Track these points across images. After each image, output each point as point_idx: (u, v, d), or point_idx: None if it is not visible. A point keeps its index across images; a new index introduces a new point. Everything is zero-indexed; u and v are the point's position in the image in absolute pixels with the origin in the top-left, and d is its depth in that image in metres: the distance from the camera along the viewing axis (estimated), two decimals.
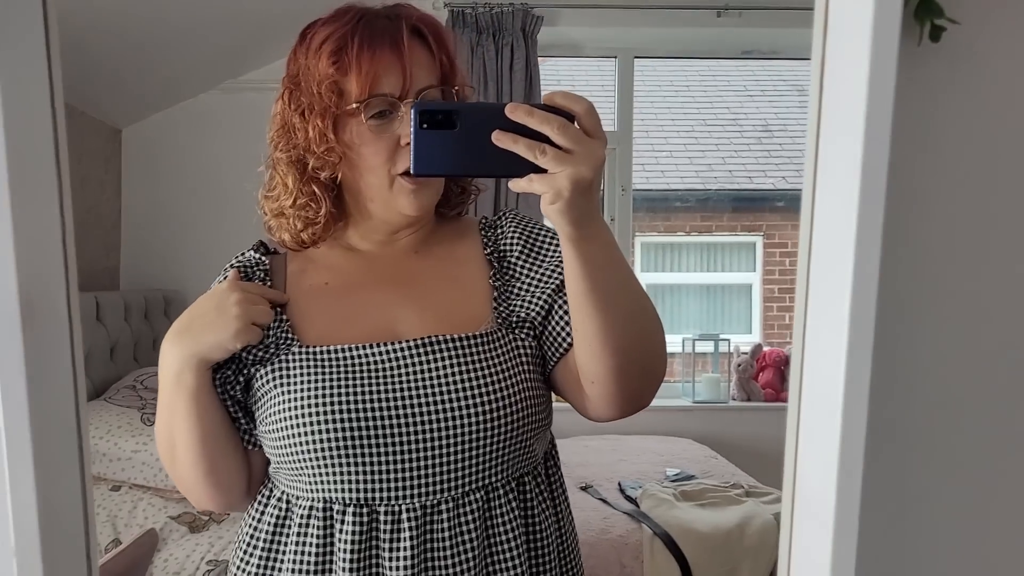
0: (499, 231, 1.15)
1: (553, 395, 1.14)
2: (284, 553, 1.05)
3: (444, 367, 1.01)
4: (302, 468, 1.01)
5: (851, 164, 0.52)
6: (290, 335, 1.05)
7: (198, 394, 1.02)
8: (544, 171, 0.81)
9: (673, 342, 4.73)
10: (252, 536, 1.09)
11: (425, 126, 0.82)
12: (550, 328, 1.08)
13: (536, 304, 1.07)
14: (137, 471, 2.65)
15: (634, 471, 3.09)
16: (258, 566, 1.06)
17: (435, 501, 1.00)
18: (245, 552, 1.09)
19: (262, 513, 1.09)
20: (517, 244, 1.12)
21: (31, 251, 0.50)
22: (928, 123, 0.58)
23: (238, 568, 1.09)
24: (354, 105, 1.00)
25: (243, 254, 1.15)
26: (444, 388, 1.00)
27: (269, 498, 1.09)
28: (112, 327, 3.21)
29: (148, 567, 2.26)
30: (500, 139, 0.81)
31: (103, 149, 3.58)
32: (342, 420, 0.98)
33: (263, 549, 1.06)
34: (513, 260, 1.11)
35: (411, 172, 0.84)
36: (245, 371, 1.06)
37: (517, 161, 0.81)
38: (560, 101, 0.82)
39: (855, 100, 0.52)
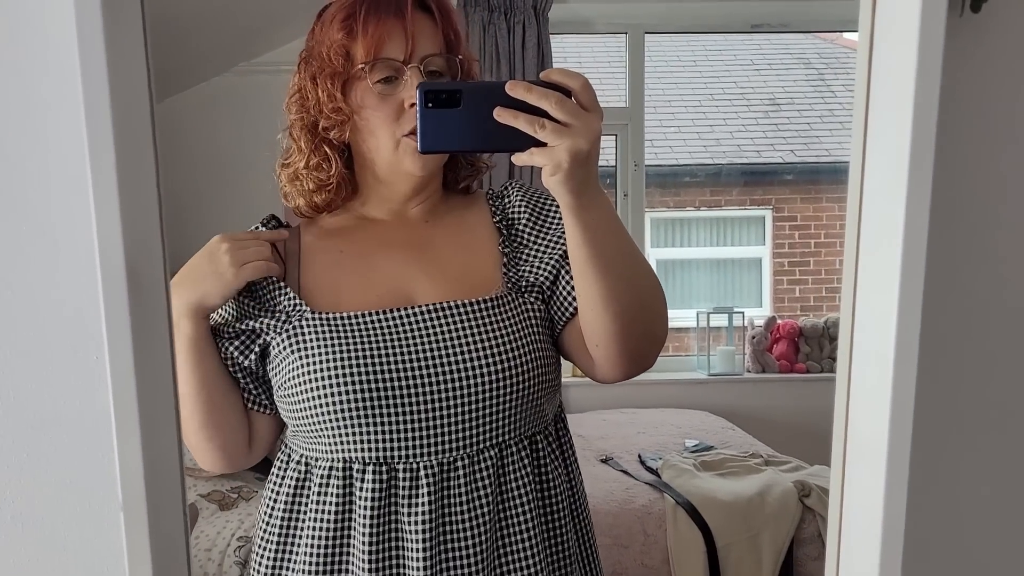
0: (506, 200, 1.20)
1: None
2: (304, 514, 1.10)
3: (458, 330, 1.06)
4: (323, 431, 1.05)
5: (900, 137, 0.55)
6: (306, 303, 1.09)
7: (195, 341, 1.08)
8: (544, 144, 0.86)
9: (687, 316, 4.74)
10: (273, 502, 1.13)
11: (430, 105, 0.87)
12: (557, 292, 1.13)
13: (544, 270, 1.13)
14: None
15: (653, 443, 3.13)
16: (280, 527, 1.11)
17: (451, 458, 1.05)
18: (268, 517, 1.13)
19: (282, 479, 1.14)
20: (524, 212, 1.17)
21: (135, 224, 0.54)
22: (970, 92, 0.61)
23: (262, 533, 1.14)
24: (360, 67, 1.06)
25: (255, 228, 1.20)
26: (459, 350, 1.05)
27: (288, 463, 1.14)
28: None
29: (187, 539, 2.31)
30: (501, 115, 0.86)
31: None
32: (362, 383, 1.03)
33: (284, 511, 1.11)
34: (521, 228, 1.16)
35: (419, 150, 0.89)
36: (260, 340, 1.11)
37: (518, 136, 0.86)
38: (557, 78, 0.87)
39: (904, 71, 0.55)
